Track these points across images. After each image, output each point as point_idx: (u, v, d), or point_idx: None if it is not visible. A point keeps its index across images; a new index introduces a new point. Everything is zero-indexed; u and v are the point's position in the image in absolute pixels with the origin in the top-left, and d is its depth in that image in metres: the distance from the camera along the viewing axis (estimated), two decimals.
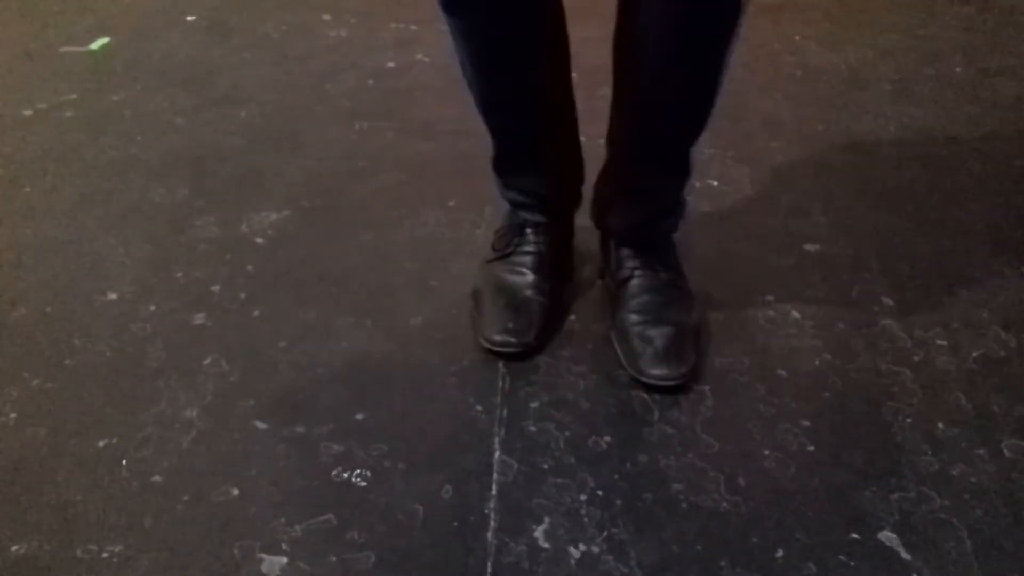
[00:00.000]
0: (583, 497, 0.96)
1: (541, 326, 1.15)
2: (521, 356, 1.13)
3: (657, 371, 1.08)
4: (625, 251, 1.19)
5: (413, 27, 2.10)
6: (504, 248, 1.21)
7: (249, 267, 1.30)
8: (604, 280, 1.24)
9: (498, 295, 1.17)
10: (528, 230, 1.21)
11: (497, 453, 1.01)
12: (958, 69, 1.89)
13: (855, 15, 2.17)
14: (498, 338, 1.13)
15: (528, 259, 1.19)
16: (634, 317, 1.13)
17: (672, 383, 1.08)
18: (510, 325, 1.13)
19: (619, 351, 1.12)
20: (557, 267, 1.22)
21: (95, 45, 2.04)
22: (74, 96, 1.81)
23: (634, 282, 1.16)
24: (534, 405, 1.07)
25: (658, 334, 1.10)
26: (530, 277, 1.18)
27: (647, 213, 1.18)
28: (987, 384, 1.09)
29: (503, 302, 1.16)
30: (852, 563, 0.88)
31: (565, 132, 1.18)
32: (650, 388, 1.08)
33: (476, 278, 1.22)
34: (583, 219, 1.27)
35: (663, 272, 1.17)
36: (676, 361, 1.08)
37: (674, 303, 1.15)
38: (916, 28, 2.08)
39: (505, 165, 1.19)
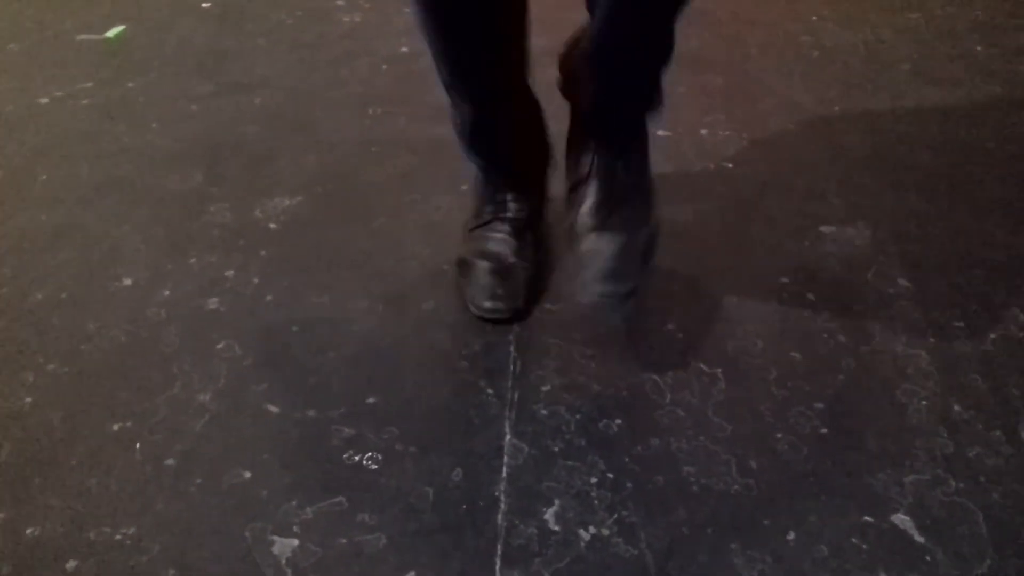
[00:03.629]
0: (593, 480, 0.95)
1: (527, 290, 1.19)
2: (509, 320, 1.17)
3: (599, 288, 1.07)
4: (591, 142, 1.13)
5: None
6: (480, 217, 1.24)
7: (263, 252, 1.31)
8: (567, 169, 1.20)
9: (483, 262, 1.19)
10: (506, 198, 1.23)
11: (508, 436, 1.01)
12: (978, 48, 1.86)
13: None
14: (488, 304, 1.16)
15: (508, 226, 1.22)
16: (586, 220, 1.10)
17: (612, 299, 1.09)
18: (498, 291, 1.16)
19: (573, 254, 1.14)
20: (536, 231, 1.26)
21: (111, 33, 2.05)
22: (90, 84, 1.82)
23: (591, 182, 1.12)
24: (545, 388, 1.07)
25: (606, 246, 1.07)
26: (513, 243, 1.21)
27: (618, 93, 1.08)
28: (1005, 366, 1.08)
29: (489, 269, 1.18)
30: (865, 546, 0.88)
31: (526, 110, 1.19)
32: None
33: (460, 247, 1.24)
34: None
35: (623, 173, 1.11)
36: (621, 277, 1.07)
37: (627, 209, 1.10)
38: (935, 7, 2.05)
39: (471, 138, 1.19)
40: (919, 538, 0.88)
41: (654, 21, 0.97)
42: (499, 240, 1.21)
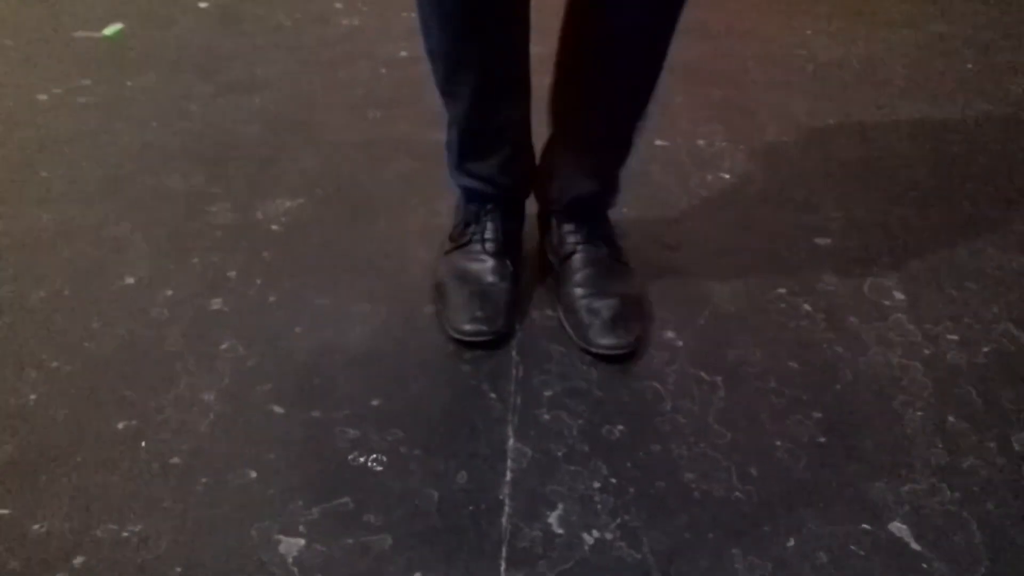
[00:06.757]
0: (596, 484, 0.97)
1: (508, 312, 1.17)
2: (492, 344, 1.14)
3: (605, 341, 1.11)
4: (567, 227, 1.22)
5: None
6: (460, 238, 1.23)
7: (265, 254, 1.31)
8: (546, 257, 1.27)
9: (462, 285, 1.17)
10: (485, 219, 1.22)
11: (511, 440, 1.02)
12: (969, 65, 1.89)
13: (866, 10, 2.17)
14: (468, 327, 1.13)
15: (487, 246, 1.20)
16: (579, 291, 1.16)
17: (620, 351, 1.11)
18: (478, 314, 1.14)
19: (567, 324, 1.16)
20: (515, 253, 1.24)
21: (109, 31, 2.05)
22: (88, 82, 1.82)
23: (577, 256, 1.19)
24: (548, 393, 1.08)
25: (604, 305, 1.13)
26: (490, 263, 1.19)
27: (589, 188, 1.19)
28: (998, 378, 1.10)
29: (468, 291, 1.16)
30: (863, 553, 0.89)
31: (522, 107, 1.15)
32: (599, 357, 1.12)
33: (436, 272, 1.23)
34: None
35: (603, 247, 1.20)
36: (623, 330, 1.12)
37: (616, 276, 1.18)
38: (927, 23, 2.09)
39: (463, 145, 1.17)
40: (915, 546, 0.90)
41: (620, 126, 1.12)
42: (477, 261, 1.20)
